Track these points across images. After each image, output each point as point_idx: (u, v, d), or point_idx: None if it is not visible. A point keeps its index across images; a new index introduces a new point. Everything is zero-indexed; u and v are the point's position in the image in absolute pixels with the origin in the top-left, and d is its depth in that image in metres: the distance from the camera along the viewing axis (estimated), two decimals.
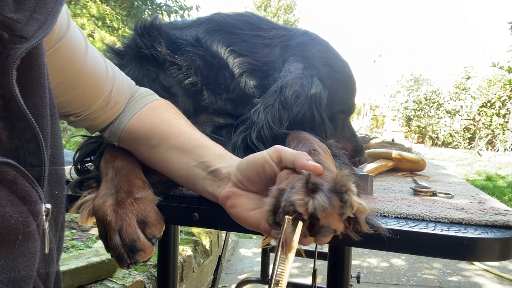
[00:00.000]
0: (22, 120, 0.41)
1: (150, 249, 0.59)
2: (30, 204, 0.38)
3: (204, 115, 0.82)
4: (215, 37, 0.83)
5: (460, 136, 15.29)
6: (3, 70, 0.40)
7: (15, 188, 0.37)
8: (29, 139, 0.42)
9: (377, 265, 3.12)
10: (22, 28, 0.42)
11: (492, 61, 5.17)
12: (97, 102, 0.67)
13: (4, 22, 0.41)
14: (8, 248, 0.36)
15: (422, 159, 1.10)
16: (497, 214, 0.63)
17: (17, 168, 0.37)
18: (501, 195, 5.79)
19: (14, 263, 0.37)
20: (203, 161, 0.62)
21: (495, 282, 2.86)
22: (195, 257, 2.38)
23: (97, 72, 0.66)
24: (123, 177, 0.65)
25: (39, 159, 0.43)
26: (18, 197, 0.37)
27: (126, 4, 5.06)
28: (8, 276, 0.36)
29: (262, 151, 0.55)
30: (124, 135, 0.70)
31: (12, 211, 0.36)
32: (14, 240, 0.37)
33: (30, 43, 0.42)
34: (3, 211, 0.35)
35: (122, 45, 0.88)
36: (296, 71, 0.80)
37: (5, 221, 0.35)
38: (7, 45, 0.41)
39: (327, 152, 0.67)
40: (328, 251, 0.88)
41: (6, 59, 0.40)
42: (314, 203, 0.42)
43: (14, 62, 0.40)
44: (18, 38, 0.41)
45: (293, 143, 0.70)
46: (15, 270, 0.37)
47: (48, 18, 0.46)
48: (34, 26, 0.43)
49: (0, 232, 0.35)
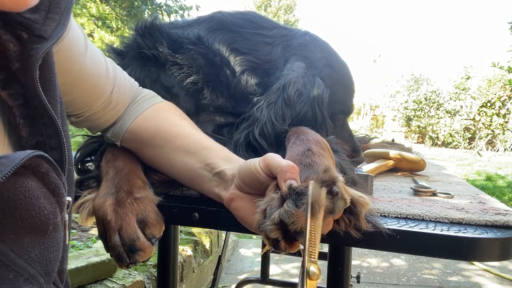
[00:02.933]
0: (45, 116, 0.43)
1: (149, 249, 0.59)
2: (58, 196, 0.39)
3: (205, 114, 0.82)
4: (217, 35, 0.83)
5: (460, 136, 15.28)
6: (26, 69, 0.41)
7: (47, 180, 0.38)
8: (51, 135, 0.44)
9: (377, 265, 3.12)
10: (40, 28, 0.43)
11: (492, 61, 5.17)
12: (98, 103, 0.68)
13: (22, 22, 0.42)
14: (41, 238, 0.38)
15: (422, 159, 1.10)
16: (497, 214, 0.63)
17: (50, 162, 0.38)
18: (501, 195, 5.79)
19: (46, 253, 0.38)
20: (208, 163, 0.63)
21: (495, 282, 2.86)
22: (195, 257, 2.38)
23: (96, 73, 0.65)
24: (123, 176, 0.65)
25: (60, 154, 0.44)
26: (48, 189, 0.38)
27: (126, 4, 5.06)
28: (42, 265, 0.38)
29: (255, 159, 0.55)
30: (127, 135, 0.70)
31: (45, 202, 0.37)
32: (45, 230, 0.38)
33: (49, 43, 0.43)
34: (38, 201, 0.36)
35: (122, 45, 0.88)
36: (299, 70, 0.80)
37: (41, 211, 0.37)
38: (26, 45, 0.42)
39: (325, 148, 0.67)
40: (328, 251, 0.88)
41: (28, 59, 0.41)
42: (279, 216, 0.45)
43: (37, 61, 0.41)
44: (37, 38, 0.43)
45: (292, 138, 0.70)
46: (46, 259, 0.38)
47: (62, 18, 0.47)
48: (51, 26, 0.45)
49: (36, 223, 0.36)
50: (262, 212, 0.48)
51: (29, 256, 0.36)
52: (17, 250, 0.35)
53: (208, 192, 0.64)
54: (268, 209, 0.47)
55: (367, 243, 0.55)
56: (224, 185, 0.60)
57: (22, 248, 0.35)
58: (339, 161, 0.68)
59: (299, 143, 0.67)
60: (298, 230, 0.44)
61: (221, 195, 0.60)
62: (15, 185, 0.34)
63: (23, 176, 0.35)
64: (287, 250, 0.47)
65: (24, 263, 0.35)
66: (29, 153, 0.35)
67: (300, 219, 0.44)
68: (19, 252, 0.35)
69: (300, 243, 0.46)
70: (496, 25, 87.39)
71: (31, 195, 0.35)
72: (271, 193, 0.50)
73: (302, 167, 0.58)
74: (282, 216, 0.45)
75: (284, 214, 0.44)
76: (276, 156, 0.53)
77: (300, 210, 0.44)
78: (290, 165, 0.50)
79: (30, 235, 0.36)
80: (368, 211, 0.53)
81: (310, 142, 0.66)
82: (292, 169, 0.50)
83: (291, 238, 0.46)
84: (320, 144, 0.67)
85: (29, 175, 0.36)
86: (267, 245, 0.47)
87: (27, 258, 0.36)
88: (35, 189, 0.36)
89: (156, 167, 0.70)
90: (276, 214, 0.45)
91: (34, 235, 0.37)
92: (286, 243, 0.46)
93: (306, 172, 0.57)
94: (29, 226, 0.36)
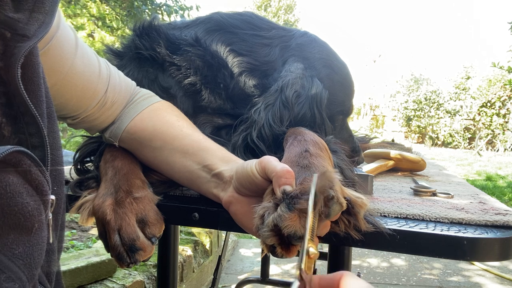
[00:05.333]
0: (27, 115, 0.43)
1: (149, 248, 0.59)
2: (42, 193, 0.39)
3: (204, 116, 0.82)
4: (215, 37, 0.83)
5: (460, 136, 15.27)
6: (8, 68, 0.41)
7: (30, 177, 0.38)
8: (32, 133, 0.43)
9: (377, 265, 3.12)
10: (23, 27, 0.43)
11: (492, 61, 5.16)
12: (92, 104, 0.67)
13: (6, 21, 0.42)
14: (26, 236, 0.38)
15: (422, 159, 1.10)
16: (497, 214, 0.63)
17: (32, 158, 0.38)
18: (501, 195, 5.79)
19: (31, 250, 0.38)
20: (207, 164, 0.62)
21: (495, 282, 2.86)
22: (195, 257, 2.38)
23: (87, 73, 0.65)
24: (122, 176, 0.65)
25: (42, 152, 0.44)
26: (31, 186, 0.38)
27: (126, 4, 5.05)
28: (25, 263, 0.37)
29: (252, 161, 0.55)
30: (125, 136, 0.70)
31: (29, 199, 0.37)
32: (30, 228, 0.38)
33: (32, 42, 0.43)
34: (21, 198, 0.36)
35: (121, 45, 0.88)
36: (297, 71, 0.80)
37: (24, 208, 0.36)
38: (9, 44, 0.42)
39: (323, 149, 0.67)
40: (328, 251, 0.88)
41: (10, 57, 0.41)
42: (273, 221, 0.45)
43: (19, 60, 0.41)
44: (21, 37, 0.43)
45: (290, 139, 0.70)
46: (31, 257, 0.38)
47: (46, 17, 0.47)
48: (34, 25, 0.45)
49: (20, 219, 0.36)
50: (260, 218, 0.48)
51: (13, 253, 0.36)
52: (0, 247, 0.35)
53: (206, 193, 0.63)
54: (265, 215, 0.48)
55: (367, 243, 0.55)
56: (222, 186, 0.60)
57: (5, 245, 0.35)
58: (337, 161, 0.68)
59: (296, 144, 0.67)
60: (292, 234, 0.44)
61: (219, 196, 0.60)
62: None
63: (3, 172, 0.35)
64: (284, 256, 0.47)
65: (7, 260, 0.35)
66: (8, 148, 0.35)
67: (293, 222, 0.44)
68: (2, 249, 0.35)
69: (297, 248, 0.47)
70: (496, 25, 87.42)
71: (12, 190, 0.35)
72: (268, 197, 0.51)
73: (299, 169, 0.58)
74: (276, 220, 0.45)
75: (278, 218, 0.45)
76: (272, 159, 0.53)
77: (294, 214, 0.44)
78: (285, 169, 0.50)
79: (14, 232, 0.36)
80: (368, 211, 0.53)
81: (307, 143, 0.66)
82: (287, 173, 0.50)
83: (287, 243, 0.46)
84: (318, 145, 0.66)
85: (9, 171, 0.36)
86: (265, 251, 0.48)
87: (10, 256, 0.36)
88: (17, 185, 0.36)
89: (155, 168, 0.70)
90: (270, 219, 0.46)
91: (18, 232, 0.37)
92: (283, 249, 0.46)
93: (303, 174, 0.56)
94: (12, 223, 0.36)
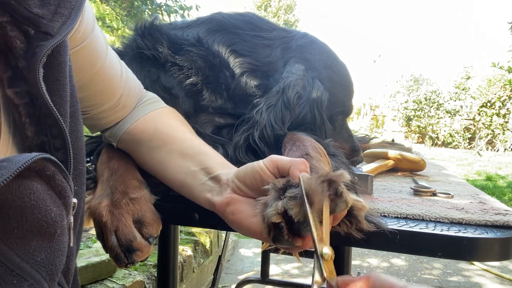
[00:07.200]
0: (49, 117, 0.42)
1: (147, 249, 0.59)
2: (65, 198, 0.39)
3: (205, 116, 0.82)
4: (216, 37, 0.83)
5: (460, 136, 15.27)
6: (29, 67, 0.40)
7: (53, 183, 0.37)
8: (55, 135, 0.43)
9: (377, 265, 3.12)
10: (47, 24, 0.42)
11: (492, 61, 5.16)
12: (107, 104, 0.67)
13: (30, 18, 0.41)
14: (49, 242, 0.37)
15: (422, 159, 1.10)
16: (497, 214, 0.63)
17: (56, 164, 0.37)
18: (501, 195, 5.79)
19: (52, 256, 0.37)
20: (205, 167, 0.62)
21: (495, 282, 2.86)
22: (195, 257, 2.38)
23: (112, 76, 0.65)
24: (118, 177, 0.65)
25: (65, 155, 0.43)
26: (54, 192, 0.37)
27: (126, 4, 5.05)
28: (47, 270, 0.37)
29: (259, 161, 0.55)
30: (125, 136, 0.70)
31: (52, 205, 0.37)
32: (53, 234, 0.37)
33: (55, 40, 0.42)
34: (44, 204, 0.36)
35: (121, 45, 0.88)
36: (298, 73, 0.81)
37: (47, 214, 0.36)
38: (33, 42, 0.41)
39: (322, 154, 0.67)
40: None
41: (33, 56, 0.40)
42: (282, 203, 0.45)
43: (41, 59, 0.40)
44: (43, 34, 0.41)
45: (288, 145, 0.70)
46: (52, 263, 0.37)
47: (72, 13, 0.45)
48: (58, 22, 0.43)
49: (43, 226, 0.36)
50: (263, 205, 0.48)
51: (35, 260, 0.35)
52: (23, 255, 0.34)
53: (198, 198, 0.61)
54: (270, 202, 0.47)
55: (367, 243, 0.55)
56: (217, 190, 0.58)
57: (28, 252, 0.35)
58: (336, 165, 0.69)
59: (295, 149, 0.67)
60: (301, 220, 0.44)
61: (213, 201, 0.58)
62: (19, 188, 0.33)
63: (28, 179, 0.34)
64: (289, 240, 0.46)
65: (30, 267, 0.35)
66: (34, 156, 0.34)
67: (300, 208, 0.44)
68: (24, 257, 0.34)
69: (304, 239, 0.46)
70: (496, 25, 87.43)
71: (36, 197, 0.35)
72: (273, 191, 0.50)
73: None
74: (285, 203, 0.45)
75: (288, 200, 0.45)
76: (282, 156, 0.54)
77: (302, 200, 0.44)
78: (302, 159, 0.52)
79: (37, 239, 0.35)
80: (368, 211, 0.53)
81: (307, 148, 0.67)
82: (304, 163, 0.51)
83: (295, 229, 0.45)
84: (317, 150, 0.67)
85: (34, 177, 0.35)
86: (270, 234, 0.47)
87: (33, 263, 0.35)
88: (41, 191, 0.35)
89: (148, 169, 0.69)
90: (280, 203, 0.45)
91: (41, 239, 0.36)
92: (289, 233, 0.46)
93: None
94: (35, 230, 0.35)
